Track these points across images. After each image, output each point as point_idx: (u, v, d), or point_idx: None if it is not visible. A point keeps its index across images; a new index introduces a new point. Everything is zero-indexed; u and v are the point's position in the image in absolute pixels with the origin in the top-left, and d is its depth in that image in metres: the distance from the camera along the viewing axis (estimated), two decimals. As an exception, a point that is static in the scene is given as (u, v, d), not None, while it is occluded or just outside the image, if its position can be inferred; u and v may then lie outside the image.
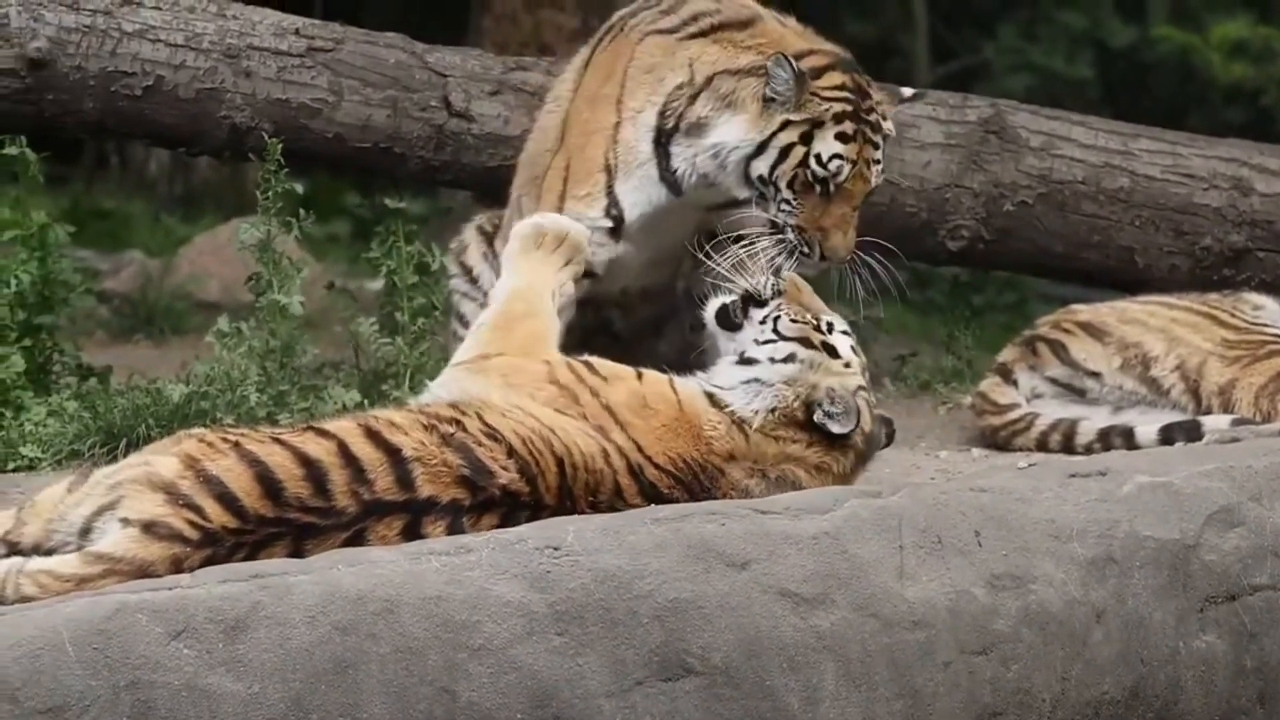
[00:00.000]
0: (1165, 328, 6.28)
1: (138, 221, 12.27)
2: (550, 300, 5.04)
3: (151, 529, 4.04)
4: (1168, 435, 5.95)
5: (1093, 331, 6.35)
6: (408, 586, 3.89)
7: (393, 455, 4.28)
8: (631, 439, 4.60)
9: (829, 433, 4.67)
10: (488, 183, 7.21)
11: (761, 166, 5.53)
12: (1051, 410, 6.29)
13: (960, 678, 4.21)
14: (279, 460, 4.20)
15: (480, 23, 11.19)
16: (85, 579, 3.99)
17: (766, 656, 4.05)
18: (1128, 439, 6.03)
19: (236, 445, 4.21)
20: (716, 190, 5.62)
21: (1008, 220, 7.51)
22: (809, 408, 4.68)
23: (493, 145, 7.22)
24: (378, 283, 7.19)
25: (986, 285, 9.00)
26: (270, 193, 6.18)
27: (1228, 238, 7.53)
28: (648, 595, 4.01)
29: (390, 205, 6.60)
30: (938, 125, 7.42)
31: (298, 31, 7.18)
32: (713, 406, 4.72)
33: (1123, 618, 4.39)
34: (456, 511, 4.29)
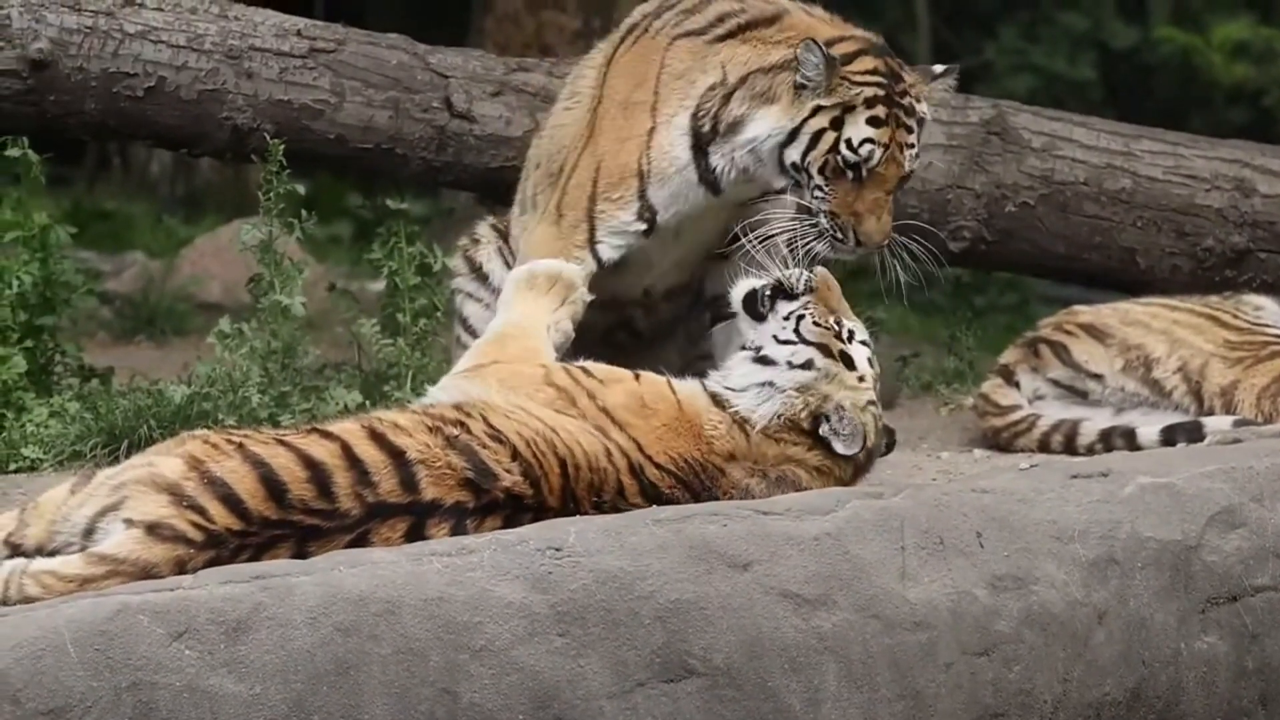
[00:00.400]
0: (1167, 329, 6.28)
1: (139, 222, 12.25)
2: (545, 333, 5.01)
3: (155, 530, 4.04)
4: (1169, 436, 5.95)
5: (1095, 333, 6.34)
6: (409, 588, 3.89)
7: (397, 457, 4.28)
8: (631, 438, 4.60)
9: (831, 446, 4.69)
10: (489, 184, 7.21)
11: (794, 154, 5.50)
12: (1053, 411, 6.28)
13: (962, 679, 4.21)
14: (283, 462, 4.19)
15: (482, 24, 11.19)
16: (88, 580, 3.98)
17: (768, 658, 4.05)
18: (1129, 440, 6.03)
19: (240, 447, 4.21)
20: (754, 184, 5.59)
21: (1009, 221, 7.51)
22: (816, 419, 4.68)
23: (494, 146, 7.22)
24: (379, 284, 7.19)
25: (988, 286, 8.99)
26: (272, 194, 6.18)
27: (1229, 239, 7.52)
28: (649, 596, 4.01)
29: (392, 206, 6.60)
30: (939, 126, 7.41)
31: (299, 32, 7.18)
32: (714, 406, 4.72)
33: (1124, 619, 4.39)
34: (460, 514, 4.29)
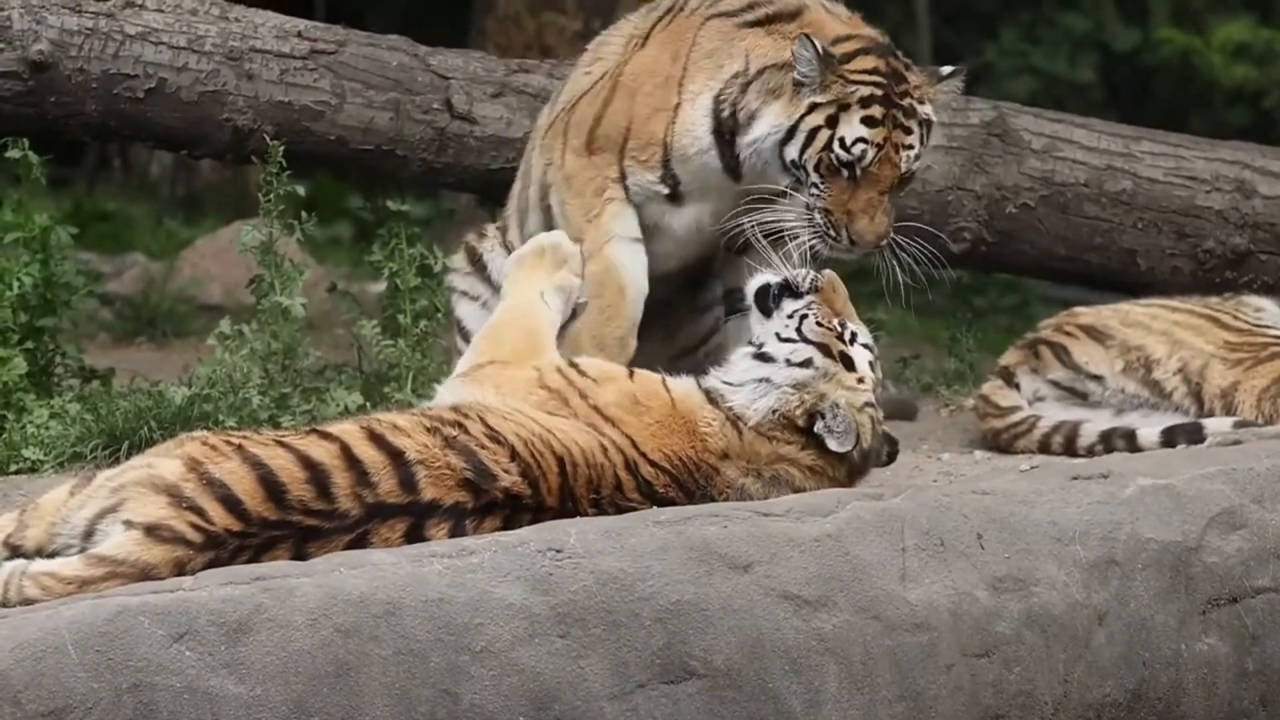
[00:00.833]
0: (1167, 330, 6.27)
1: (140, 224, 12.24)
2: (539, 299, 5.01)
3: (154, 531, 4.04)
4: (1170, 438, 5.94)
5: (1095, 334, 6.34)
6: (410, 589, 3.89)
7: (396, 458, 4.28)
8: (625, 435, 4.60)
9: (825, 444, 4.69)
10: (490, 185, 7.21)
11: (793, 151, 5.52)
12: (1054, 413, 6.28)
13: (962, 680, 4.21)
14: (282, 463, 4.19)
15: (483, 25, 11.21)
16: (88, 581, 3.98)
17: (769, 659, 4.05)
18: (1130, 441, 6.03)
19: (239, 448, 4.21)
20: (767, 180, 5.60)
21: (1010, 223, 7.51)
22: (811, 417, 4.68)
23: (495, 148, 7.22)
24: (380, 285, 7.19)
25: (989, 287, 9.00)
26: (272, 195, 6.18)
27: (1230, 240, 7.52)
28: (650, 598, 4.01)
29: (392, 208, 6.60)
30: (940, 128, 7.39)
31: (300, 34, 7.18)
32: (709, 403, 4.73)
33: (1125, 620, 4.39)
34: (459, 514, 4.29)
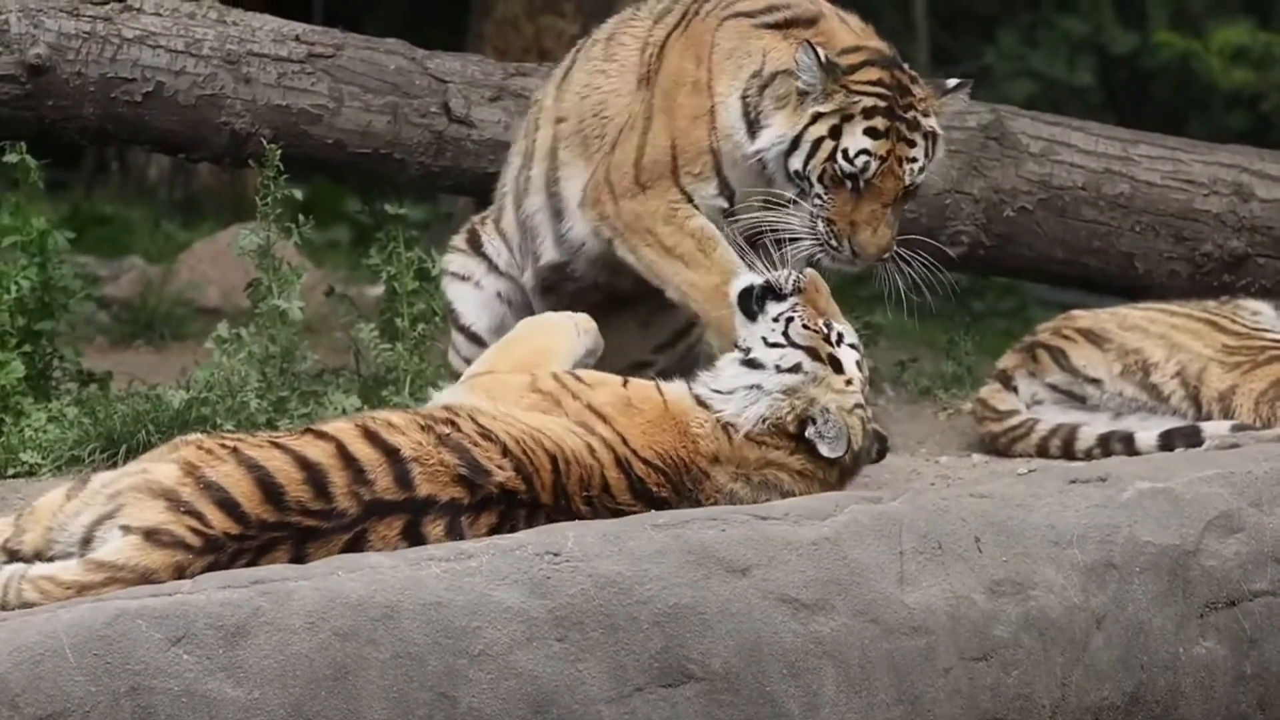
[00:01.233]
0: (1165, 334, 6.27)
1: (138, 227, 12.23)
2: (569, 322, 5.08)
3: (153, 536, 4.04)
4: (1168, 441, 5.94)
5: (1093, 338, 6.34)
6: (408, 592, 3.89)
7: (391, 455, 4.29)
8: (616, 432, 4.61)
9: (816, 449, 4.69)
10: (488, 188, 7.18)
11: (797, 162, 5.51)
12: (1051, 416, 6.27)
13: (960, 684, 4.21)
14: (278, 464, 4.20)
15: (481, 28, 11.20)
16: (87, 586, 3.98)
17: (767, 662, 4.05)
18: (1128, 445, 6.03)
19: (235, 450, 4.21)
20: (775, 187, 5.60)
21: (1008, 226, 7.50)
22: (802, 423, 4.69)
23: (493, 151, 7.21)
24: (378, 288, 7.19)
25: (987, 291, 9.00)
26: (270, 199, 6.18)
27: (1228, 243, 7.51)
28: (648, 601, 4.01)
29: (390, 211, 6.59)
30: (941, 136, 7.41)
31: (298, 37, 7.18)
32: (699, 407, 4.74)
33: (1123, 623, 4.39)
34: (455, 510, 4.30)
